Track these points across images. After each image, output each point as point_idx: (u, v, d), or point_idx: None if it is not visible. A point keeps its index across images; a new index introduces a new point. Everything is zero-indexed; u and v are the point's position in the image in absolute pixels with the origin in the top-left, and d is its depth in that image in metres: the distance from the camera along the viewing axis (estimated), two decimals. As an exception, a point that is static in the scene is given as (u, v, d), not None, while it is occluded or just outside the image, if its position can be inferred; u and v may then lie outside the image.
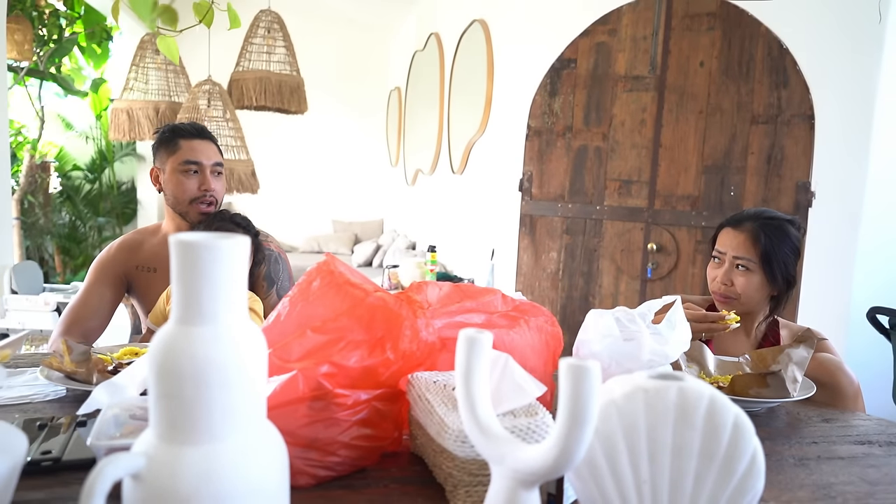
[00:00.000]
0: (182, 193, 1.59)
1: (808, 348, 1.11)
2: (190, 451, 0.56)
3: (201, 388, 0.56)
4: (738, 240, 1.46)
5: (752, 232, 1.45)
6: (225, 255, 0.58)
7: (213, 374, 0.56)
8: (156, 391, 0.57)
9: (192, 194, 1.59)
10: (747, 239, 1.45)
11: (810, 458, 0.96)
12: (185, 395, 0.56)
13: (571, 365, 0.60)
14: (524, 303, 1.11)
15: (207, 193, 1.60)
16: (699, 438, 0.67)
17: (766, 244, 1.43)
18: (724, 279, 1.45)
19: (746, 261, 1.44)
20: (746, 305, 1.46)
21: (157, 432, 0.58)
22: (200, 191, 1.59)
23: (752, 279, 1.44)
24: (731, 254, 1.46)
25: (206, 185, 1.59)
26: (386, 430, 0.87)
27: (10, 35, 4.75)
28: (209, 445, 0.57)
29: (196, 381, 0.56)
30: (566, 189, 3.40)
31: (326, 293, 0.90)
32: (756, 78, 3.00)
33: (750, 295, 1.45)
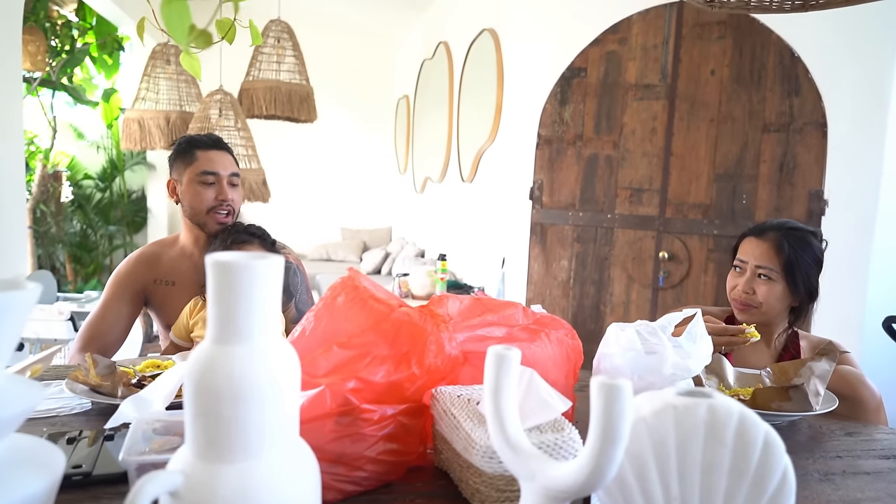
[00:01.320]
0: (199, 204, 1.59)
1: (830, 361, 1.11)
2: (226, 468, 0.57)
3: (238, 406, 0.56)
4: (761, 249, 1.46)
5: (776, 241, 1.45)
6: (260, 275, 0.58)
7: (249, 392, 0.57)
8: (192, 409, 0.58)
9: (209, 204, 1.59)
10: (770, 248, 1.45)
11: (835, 472, 0.95)
12: (221, 413, 0.56)
13: (603, 384, 0.60)
14: (544, 316, 1.12)
15: (224, 203, 1.60)
16: (729, 456, 0.67)
17: (790, 254, 1.43)
18: (746, 287, 1.45)
19: (769, 270, 1.44)
20: (767, 315, 1.46)
21: (193, 450, 0.58)
22: (217, 201, 1.60)
23: (773, 288, 1.44)
24: (753, 263, 1.46)
25: (223, 195, 1.60)
26: (411, 444, 0.87)
27: (24, 46, 4.79)
28: (245, 463, 0.57)
29: (233, 400, 0.56)
30: (577, 197, 3.40)
31: (351, 308, 0.90)
32: (767, 86, 3.00)
33: (771, 304, 1.44)
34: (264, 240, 1.56)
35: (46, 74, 5.61)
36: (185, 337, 1.52)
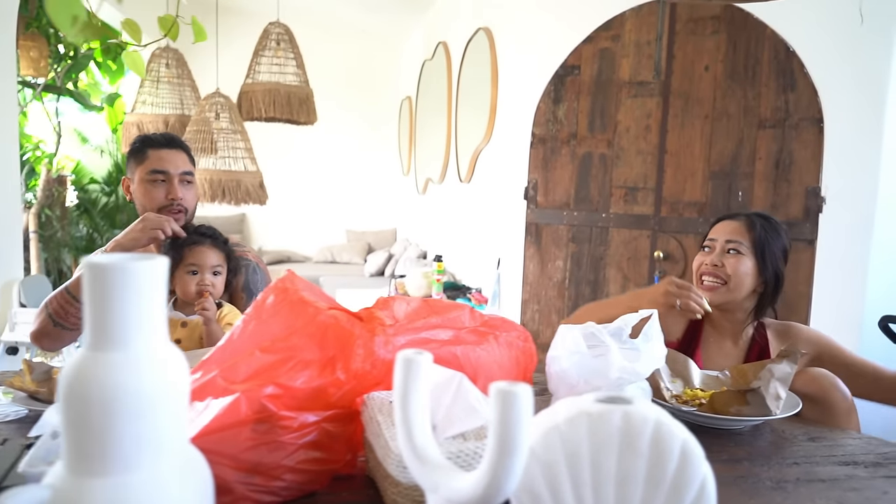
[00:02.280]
0: (150, 202, 1.58)
1: (791, 363, 1.07)
2: (98, 483, 0.54)
3: (110, 416, 0.54)
4: (733, 225, 1.48)
5: (747, 220, 1.48)
6: (137, 278, 0.56)
7: (123, 402, 0.54)
8: (64, 420, 0.55)
9: (160, 203, 1.58)
10: (742, 225, 1.47)
11: (789, 480, 0.91)
12: (92, 424, 0.54)
13: (500, 389, 0.57)
14: (494, 318, 1.08)
15: (175, 202, 1.59)
16: (645, 465, 0.63)
17: (761, 232, 1.44)
18: (716, 260, 1.44)
19: (738, 244, 1.44)
20: (734, 292, 1.44)
21: (66, 463, 0.56)
22: (168, 199, 1.59)
23: (742, 262, 1.44)
24: (723, 238, 1.47)
25: (173, 193, 1.59)
26: (338, 452, 0.84)
27: (26, 52, 4.84)
28: (119, 477, 0.55)
29: (104, 410, 0.54)
30: (571, 197, 3.36)
31: (280, 311, 0.88)
32: (762, 81, 2.94)
33: (739, 278, 1.43)
34: (216, 239, 1.54)
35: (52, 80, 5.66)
36: None
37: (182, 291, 1.49)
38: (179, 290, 1.49)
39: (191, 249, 1.49)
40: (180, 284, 1.49)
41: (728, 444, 1.03)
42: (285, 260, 6.87)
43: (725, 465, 0.96)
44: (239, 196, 3.80)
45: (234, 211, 7.03)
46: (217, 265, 1.52)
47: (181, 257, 1.49)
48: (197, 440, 0.77)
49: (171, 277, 1.50)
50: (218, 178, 3.74)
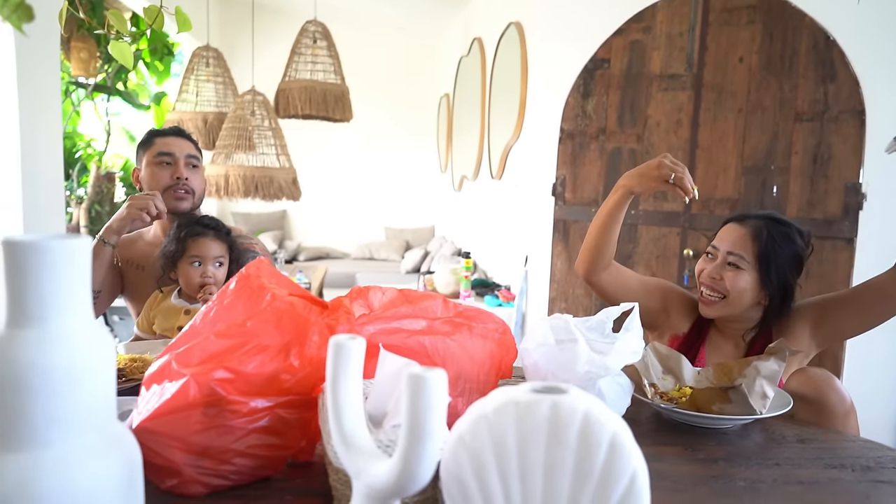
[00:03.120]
0: (156, 184, 1.62)
1: (779, 360, 1.01)
2: (9, 458, 0.55)
3: (21, 393, 0.55)
4: (738, 234, 1.38)
5: (755, 229, 1.37)
6: (53, 257, 0.56)
7: (34, 378, 0.55)
8: (-18, 395, 0.57)
9: (165, 183, 1.62)
10: (747, 235, 1.37)
11: (764, 481, 0.87)
12: (4, 400, 0.55)
13: (412, 375, 0.56)
14: (470, 308, 1.07)
15: (180, 181, 1.62)
16: (573, 457, 0.61)
17: (766, 243, 1.34)
18: (714, 272, 1.37)
19: (738, 257, 1.35)
20: (733, 306, 1.37)
21: (-15, 437, 0.57)
22: (173, 179, 1.62)
23: (741, 277, 1.35)
24: (724, 249, 1.38)
25: (178, 173, 1.62)
26: (292, 438, 0.84)
27: (76, 53, 5.04)
28: (31, 453, 0.56)
29: (15, 386, 0.55)
30: (600, 193, 3.29)
31: (240, 297, 0.88)
32: (800, 73, 2.82)
33: (738, 294, 1.35)
34: (218, 231, 1.57)
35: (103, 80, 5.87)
36: (146, 329, 1.54)
37: (185, 282, 1.52)
38: (182, 280, 1.52)
39: (194, 241, 1.52)
40: (183, 275, 1.52)
41: (709, 444, 0.99)
42: (324, 256, 6.96)
43: (701, 464, 0.92)
44: (272, 192, 3.87)
45: (274, 207, 7.16)
46: (219, 256, 1.55)
47: (184, 248, 1.52)
48: (146, 422, 0.78)
49: (175, 268, 1.53)
50: (251, 174, 3.82)
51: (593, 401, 0.63)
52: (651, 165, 1.36)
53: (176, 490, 0.78)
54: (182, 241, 1.50)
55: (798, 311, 1.40)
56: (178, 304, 1.52)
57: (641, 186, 1.38)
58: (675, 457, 0.95)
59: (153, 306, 1.54)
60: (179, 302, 1.52)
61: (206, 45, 4.65)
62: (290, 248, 6.81)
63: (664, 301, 1.52)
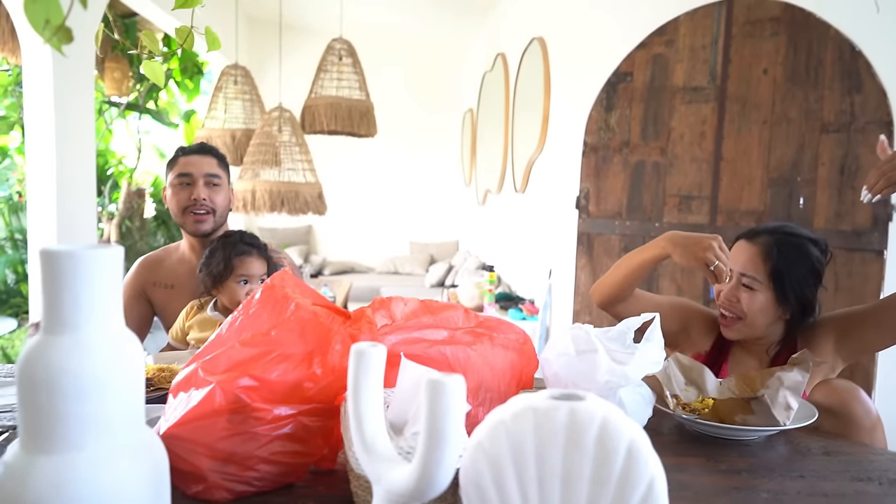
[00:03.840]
0: (175, 205, 1.66)
1: (802, 371, 1.00)
2: (44, 460, 0.57)
3: (55, 396, 0.57)
4: (748, 254, 1.36)
5: (765, 246, 1.34)
6: (86, 265, 0.59)
7: (66, 383, 0.57)
8: (18, 400, 0.59)
9: (184, 204, 1.65)
10: (758, 254, 1.34)
11: (788, 493, 0.86)
12: (39, 403, 0.57)
13: (430, 380, 0.57)
14: (491, 319, 1.08)
15: (197, 202, 1.65)
16: (590, 463, 0.61)
17: (778, 261, 1.32)
18: (730, 295, 1.35)
19: (751, 279, 1.33)
20: (752, 328, 1.35)
21: (20, 441, 0.59)
22: (190, 200, 1.65)
23: (756, 298, 1.33)
24: (737, 270, 1.36)
25: (195, 194, 1.65)
26: (315, 446, 0.86)
27: (110, 73, 5.18)
28: (63, 455, 0.58)
29: (49, 390, 0.57)
30: (624, 206, 3.29)
31: (265, 307, 0.90)
32: (826, 84, 2.79)
33: (755, 315, 1.33)
34: (261, 249, 1.60)
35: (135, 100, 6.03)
36: (180, 339, 1.57)
37: (230, 299, 1.54)
38: (227, 297, 1.54)
39: (241, 260, 1.55)
40: (228, 293, 1.54)
41: (731, 455, 0.99)
42: (349, 270, 7.01)
43: (723, 475, 0.92)
44: (297, 206, 3.92)
45: (300, 222, 7.25)
46: (263, 273, 1.58)
47: (232, 267, 1.54)
48: (173, 429, 0.80)
49: (221, 286, 1.55)
50: (277, 189, 3.88)
51: (611, 407, 0.64)
52: (700, 244, 1.28)
53: (201, 496, 0.80)
54: (229, 260, 1.53)
55: (822, 324, 1.39)
56: (214, 316, 1.55)
57: (680, 258, 1.31)
58: (696, 468, 0.94)
59: (189, 315, 1.57)
60: (215, 315, 1.55)
61: (235, 64, 4.75)
62: (316, 262, 6.88)
63: (683, 322, 1.51)
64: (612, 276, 1.46)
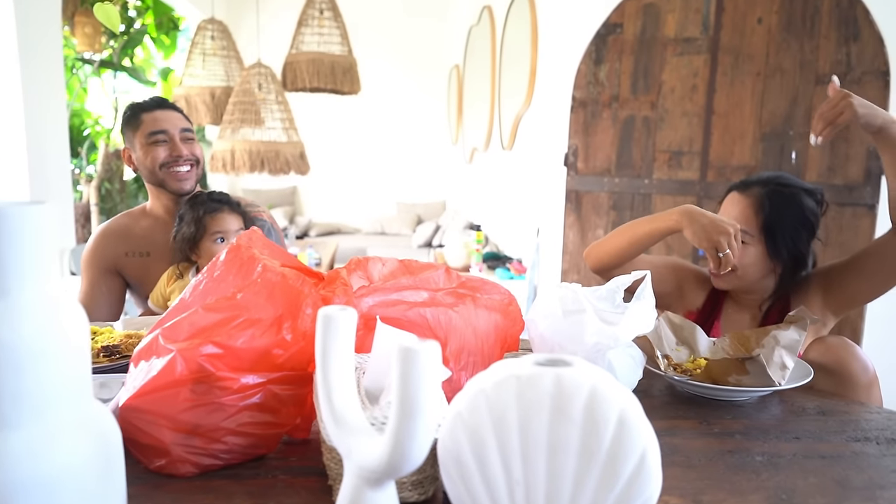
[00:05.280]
0: (153, 163, 1.56)
1: (799, 330, 0.96)
2: (-27, 439, 0.52)
3: (-18, 369, 0.51)
4: (740, 206, 1.32)
5: (757, 199, 1.30)
6: (14, 224, 0.52)
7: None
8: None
9: (162, 160, 1.56)
10: (749, 206, 1.30)
11: (783, 455, 0.83)
12: (-34, 377, 0.52)
13: (401, 348, 0.52)
14: (474, 279, 1.02)
15: (180, 158, 1.57)
16: (578, 434, 0.57)
17: (770, 213, 1.28)
18: None
19: (743, 233, 1.29)
20: (743, 280, 1.31)
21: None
22: (171, 157, 1.56)
23: (748, 251, 1.29)
24: None
25: (176, 150, 1.56)
26: (286, 416, 0.81)
27: (81, 28, 4.99)
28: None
29: (-24, 363, 0.51)
30: (613, 162, 3.22)
31: (230, 269, 0.84)
32: (822, 33, 2.71)
33: (746, 269, 1.29)
34: (231, 204, 1.53)
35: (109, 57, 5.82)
36: (162, 305, 1.51)
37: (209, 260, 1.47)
38: (206, 259, 1.48)
39: (212, 217, 1.48)
40: (206, 253, 1.48)
41: (724, 417, 0.95)
42: (335, 231, 6.93)
43: (717, 438, 0.88)
44: (278, 166, 3.82)
45: (284, 183, 7.13)
46: (239, 229, 1.52)
47: (204, 226, 1.47)
48: (132, 400, 0.75)
49: (197, 249, 1.49)
50: (257, 149, 3.77)
51: (600, 374, 0.59)
52: (719, 228, 1.20)
53: (164, 470, 0.75)
54: (201, 220, 1.46)
55: (812, 278, 1.36)
56: None
57: (693, 235, 1.24)
58: (688, 431, 0.90)
59: (170, 281, 1.51)
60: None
61: (211, 18, 4.57)
62: (301, 223, 6.79)
63: (677, 281, 1.47)
64: (613, 242, 1.40)
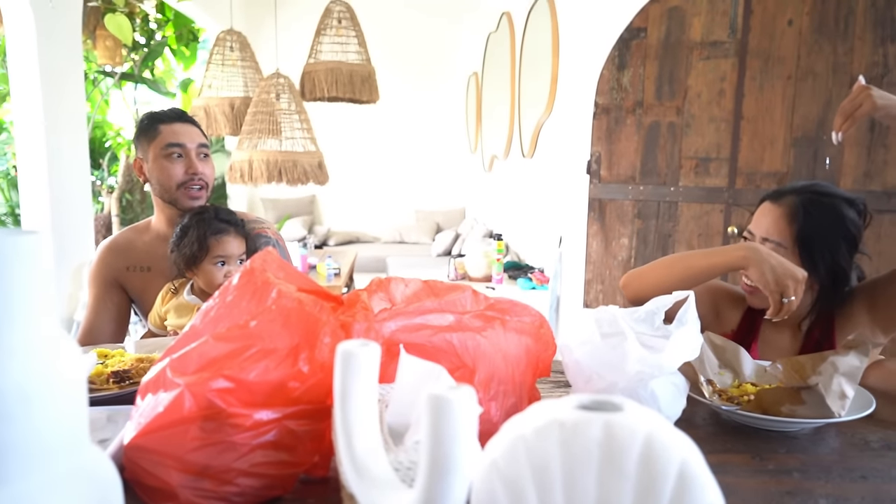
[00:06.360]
0: (168, 180, 1.51)
1: (860, 356, 0.88)
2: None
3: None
4: (772, 216, 1.23)
5: (791, 207, 1.21)
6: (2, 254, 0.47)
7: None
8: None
9: (179, 179, 1.51)
10: (783, 216, 1.21)
11: (850, 498, 0.75)
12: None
13: (431, 396, 0.45)
14: (502, 300, 0.96)
15: (196, 176, 1.52)
16: (632, 490, 0.50)
17: (805, 223, 1.19)
18: None
19: (775, 245, 1.20)
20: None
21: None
22: (187, 175, 1.51)
23: None
24: (759, 235, 1.24)
25: (192, 168, 1.51)
26: (303, 454, 0.74)
27: (102, 42, 5.01)
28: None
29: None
30: (637, 170, 3.14)
31: (243, 294, 0.79)
32: (856, 34, 2.62)
33: None
34: (237, 226, 1.47)
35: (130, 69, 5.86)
36: (160, 325, 1.46)
37: (207, 282, 1.42)
38: (203, 280, 1.43)
39: (217, 240, 1.43)
40: (204, 275, 1.42)
41: (779, 451, 0.87)
42: (354, 240, 6.90)
43: (772, 476, 0.80)
44: (296, 176, 3.78)
45: (303, 193, 7.11)
46: (242, 253, 1.46)
47: (207, 247, 1.42)
48: (137, 439, 0.69)
49: (196, 268, 1.44)
50: (275, 159, 3.74)
51: (656, 419, 0.52)
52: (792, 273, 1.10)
53: (172, 514, 0.69)
54: (204, 240, 1.41)
55: (856, 293, 1.26)
56: (192, 300, 1.43)
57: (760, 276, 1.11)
58: (741, 467, 0.83)
59: (165, 300, 1.46)
60: (192, 299, 1.44)
61: (230, 29, 4.57)
62: (320, 233, 6.77)
63: (713, 302, 1.38)
64: (661, 275, 1.28)
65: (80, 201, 3.42)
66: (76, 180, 3.38)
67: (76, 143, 3.36)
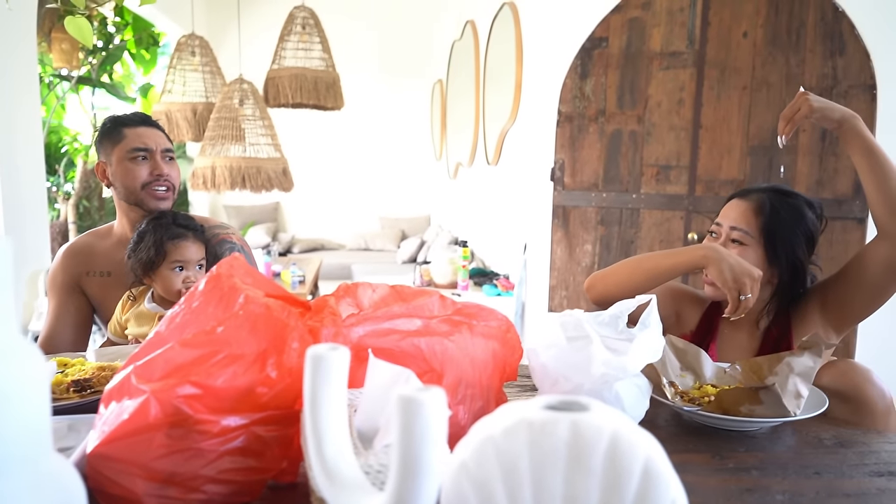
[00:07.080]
0: (133, 181, 1.49)
1: (814, 356, 0.92)
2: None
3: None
4: (741, 209, 1.29)
5: (758, 202, 1.28)
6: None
7: (-61, 411, 0.45)
8: None
9: (144, 179, 1.49)
10: (750, 209, 1.28)
11: (805, 494, 0.77)
12: None
13: (402, 397, 0.46)
14: (470, 305, 0.97)
15: (161, 178, 1.50)
16: (598, 487, 0.51)
17: (771, 216, 1.25)
18: None
19: (742, 233, 1.26)
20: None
21: None
22: (152, 175, 1.49)
23: (746, 254, 1.26)
24: (727, 224, 1.29)
25: (158, 169, 1.49)
26: (271, 459, 0.74)
27: (58, 45, 4.89)
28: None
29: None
30: (600, 177, 3.19)
31: (210, 300, 0.78)
32: (807, 46, 2.72)
33: None
34: (196, 231, 1.45)
35: (87, 73, 5.73)
36: (119, 334, 1.43)
37: (165, 288, 1.40)
38: (161, 286, 1.41)
39: (175, 245, 1.40)
40: (162, 281, 1.40)
41: (738, 450, 0.90)
42: (319, 248, 6.85)
43: (732, 474, 0.83)
44: (260, 183, 3.75)
45: (267, 199, 7.04)
46: (201, 259, 1.44)
47: (164, 252, 1.40)
48: (101, 447, 0.68)
49: (153, 273, 1.41)
50: (238, 165, 3.70)
51: (620, 419, 0.53)
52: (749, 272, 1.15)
53: (137, 524, 0.68)
54: (161, 245, 1.38)
55: (811, 294, 1.32)
56: (153, 308, 1.41)
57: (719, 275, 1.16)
58: (702, 467, 0.85)
59: (125, 308, 1.43)
60: (153, 307, 1.41)
61: (192, 34, 4.51)
62: (284, 240, 6.70)
63: (676, 305, 1.42)
64: (625, 275, 1.32)
65: (35, 208, 3.33)
66: (31, 186, 3.29)
67: (31, 148, 3.28)
